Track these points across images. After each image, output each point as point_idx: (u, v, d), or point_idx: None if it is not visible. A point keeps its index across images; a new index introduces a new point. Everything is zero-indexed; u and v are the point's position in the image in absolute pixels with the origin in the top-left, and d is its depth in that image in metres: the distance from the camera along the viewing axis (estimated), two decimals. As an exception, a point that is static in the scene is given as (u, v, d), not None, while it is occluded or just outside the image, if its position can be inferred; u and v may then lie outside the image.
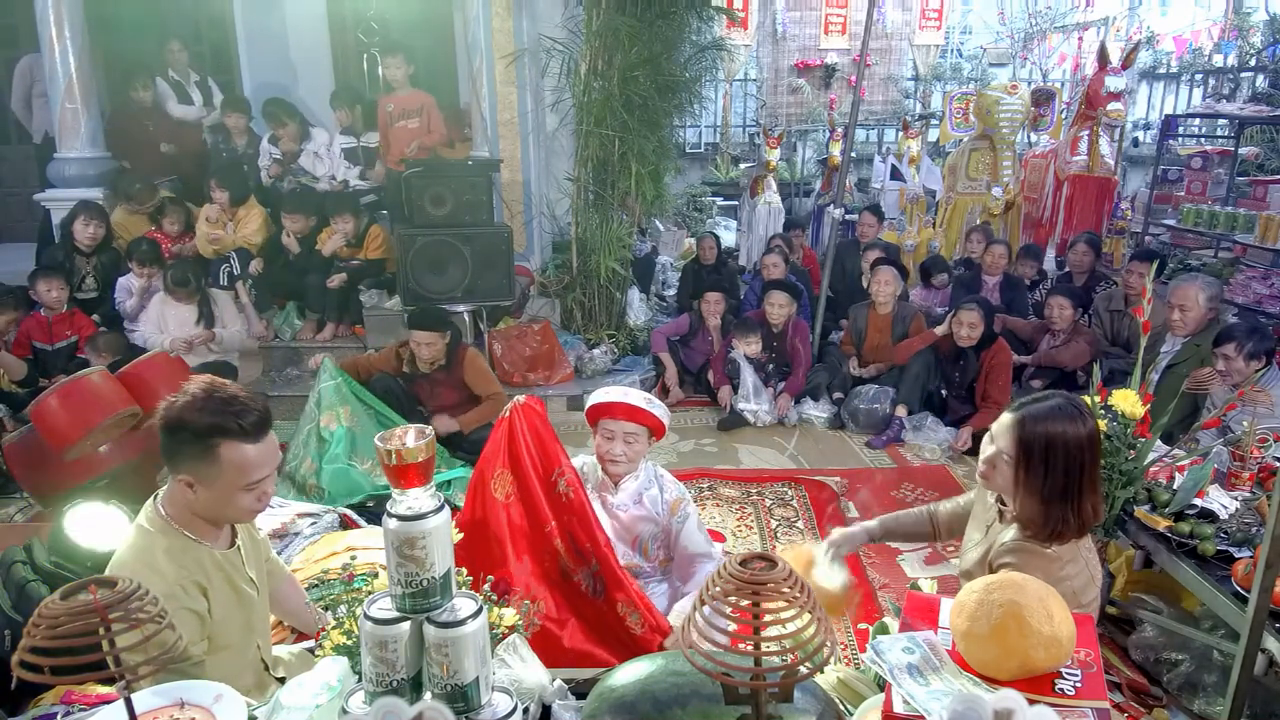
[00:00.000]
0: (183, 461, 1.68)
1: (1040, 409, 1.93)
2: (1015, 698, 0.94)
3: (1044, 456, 1.88)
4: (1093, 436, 1.90)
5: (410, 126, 5.78)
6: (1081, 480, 1.87)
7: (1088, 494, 1.88)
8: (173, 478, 1.72)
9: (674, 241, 8.47)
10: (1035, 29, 11.35)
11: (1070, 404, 1.92)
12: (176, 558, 1.71)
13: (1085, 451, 1.88)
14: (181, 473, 1.68)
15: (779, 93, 10.93)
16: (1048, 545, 1.88)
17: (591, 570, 2.32)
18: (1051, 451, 1.87)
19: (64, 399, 3.50)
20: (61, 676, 1.07)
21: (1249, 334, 3.56)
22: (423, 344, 4.22)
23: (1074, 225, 6.98)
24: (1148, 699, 2.54)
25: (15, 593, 2.29)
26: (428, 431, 1.26)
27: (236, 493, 1.70)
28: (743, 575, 1.12)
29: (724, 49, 6.42)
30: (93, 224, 5.22)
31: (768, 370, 5.28)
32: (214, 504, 1.72)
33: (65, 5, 5.40)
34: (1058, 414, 1.90)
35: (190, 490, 1.69)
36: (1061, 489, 1.87)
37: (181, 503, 1.73)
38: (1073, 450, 1.87)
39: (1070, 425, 1.88)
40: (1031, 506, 1.91)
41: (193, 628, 1.68)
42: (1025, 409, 1.94)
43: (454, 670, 1.22)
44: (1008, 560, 1.91)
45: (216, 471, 1.67)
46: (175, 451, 1.68)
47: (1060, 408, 1.91)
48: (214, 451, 1.65)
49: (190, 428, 1.65)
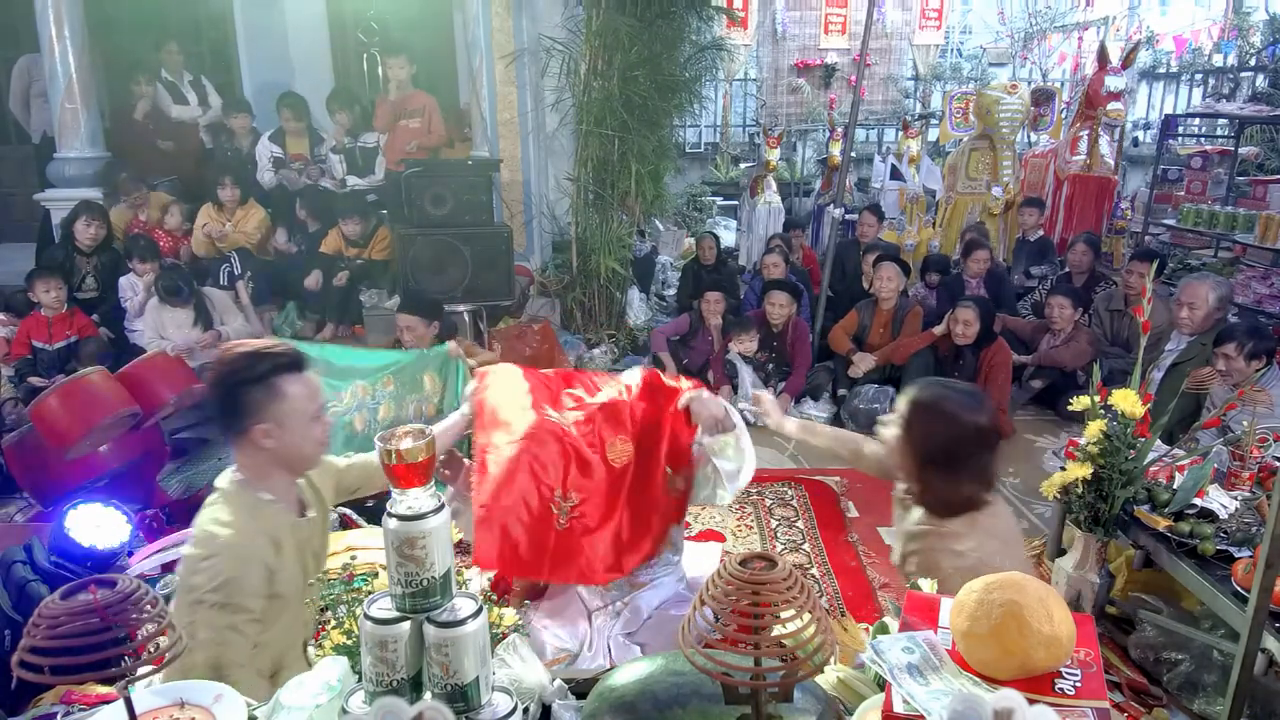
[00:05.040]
0: (254, 411, 1.77)
1: (942, 387, 2.06)
2: (1015, 697, 0.94)
3: (927, 425, 2.00)
4: (982, 430, 1.98)
5: (411, 126, 5.79)
6: (960, 461, 1.97)
7: (966, 478, 1.98)
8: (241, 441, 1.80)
9: (674, 241, 8.47)
10: (1035, 29, 11.33)
11: (974, 396, 2.03)
12: (252, 512, 1.79)
13: (971, 440, 1.97)
14: (258, 421, 1.77)
15: (779, 92, 10.92)
16: (944, 522, 1.99)
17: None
18: (934, 422, 1.99)
19: (64, 399, 3.50)
20: (61, 676, 1.07)
21: (1249, 334, 3.55)
22: (404, 328, 4.07)
23: (1074, 225, 6.98)
24: (1148, 699, 2.54)
25: (15, 593, 2.30)
26: (427, 432, 1.26)
27: (308, 423, 1.83)
28: (743, 575, 1.12)
29: (724, 49, 6.42)
30: (94, 224, 5.23)
31: (768, 370, 5.28)
32: (292, 443, 1.81)
33: (65, 5, 5.40)
34: (956, 395, 2.02)
35: (268, 438, 1.78)
36: (939, 460, 1.98)
37: (257, 459, 1.82)
38: (956, 431, 1.96)
39: (963, 409, 1.98)
40: (909, 471, 2.05)
41: (259, 580, 1.73)
42: (931, 384, 2.09)
43: (454, 670, 1.22)
44: (914, 547, 2.05)
45: (288, 406, 1.79)
46: (244, 405, 1.77)
47: (961, 392, 2.04)
48: (278, 388, 1.78)
49: (252, 377, 1.77)
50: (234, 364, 1.80)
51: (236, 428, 1.79)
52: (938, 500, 2.01)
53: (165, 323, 4.91)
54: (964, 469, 1.98)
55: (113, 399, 3.61)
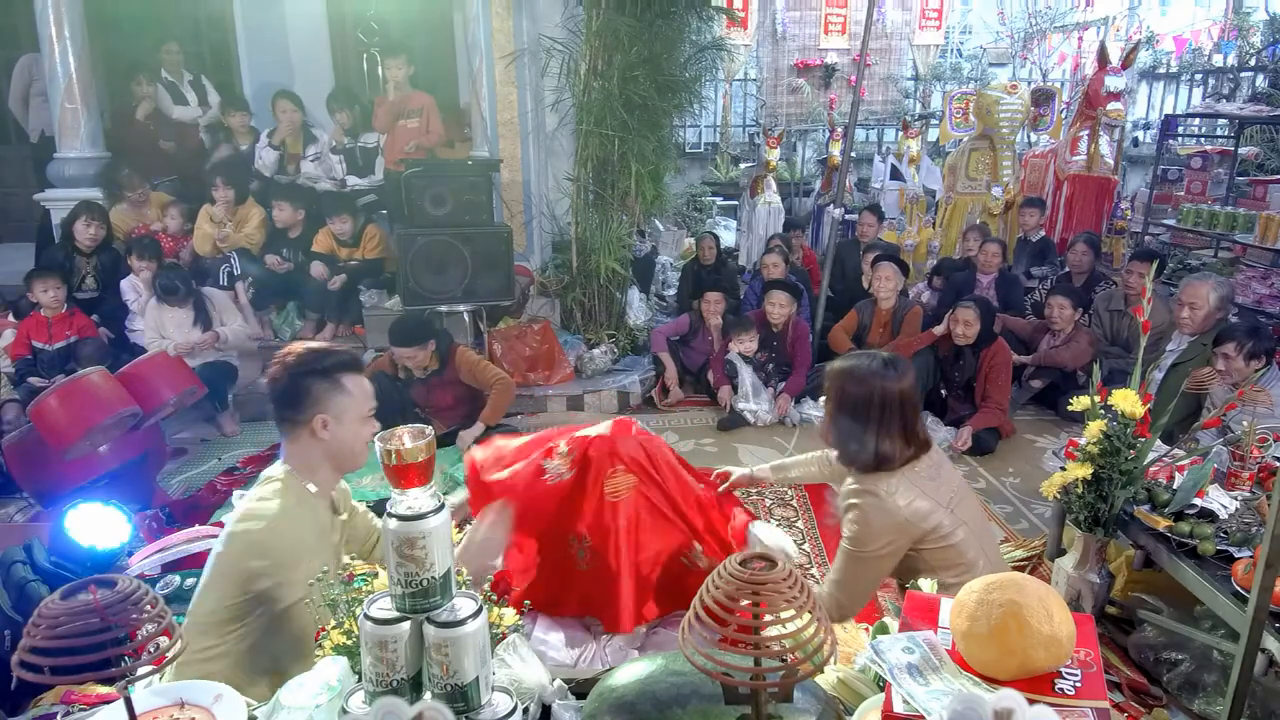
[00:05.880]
0: (314, 402, 1.88)
1: (855, 355, 2.29)
2: (1015, 698, 0.94)
3: (838, 390, 2.23)
4: (890, 392, 2.17)
5: (410, 126, 5.79)
6: (868, 419, 2.16)
7: (876, 432, 2.16)
8: (298, 431, 1.89)
9: (674, 241, 8.47)
10: (1035, 29, 11.34)
11: (886, 360, 2.22)
12: (300, 499, 1.88)
13: (876, 397, 2.16)
14: (319, 412, 1.87)
15: (779, 93, 10.92)
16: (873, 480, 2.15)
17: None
18: (847, 386, 2.20)
19: (64, 399, 3.50)
20: (61, 676, 1.07)
21: (1249, 334, 3.55)
22: (406, 358, 4.21)
23: (1074, 225, 6.98)
24: (1148, 699, 2.54)
25: (15, 593, 2.30)
26: (427, 432, 1.26)
27: (360, 422, 1.93)
28: (743, 575, 1.12)
29: (724, 49, 6.41)
30: (94, 224, 5.22)
31: (768, 370, 5.28)
32: (345, 438, 1.91)
33: (65, 5, 5.40)
34: (868, 362, 2.22)
35: (325, 429, 1.88)
36: (847, 419, 2.18)
37: (310, 451, 1.91)
38: (862, 390, 2.18)
39: (869, 373, 2.19)
40: (830, 436, 2.26)
41: (306, 568, 1.76)
42: (849, 354, 2.31)
43: (454, 670, 1.22)
44: (850, 502, 2.19)
45: (347, 400, 1.90)
46: (307, 395, 1.87)
47: (874, 358, 2.23)
48: (340, 383, 1.90)
49: (318, 369, 1.89)
50: (302, 356, 1.91)
51: (297, 417, 1.88)
52: (851, 456, 2.20)
53: (165, 322, 4.90)
54: (872, 426, 2.15)
55: (113, 399, 3.61)
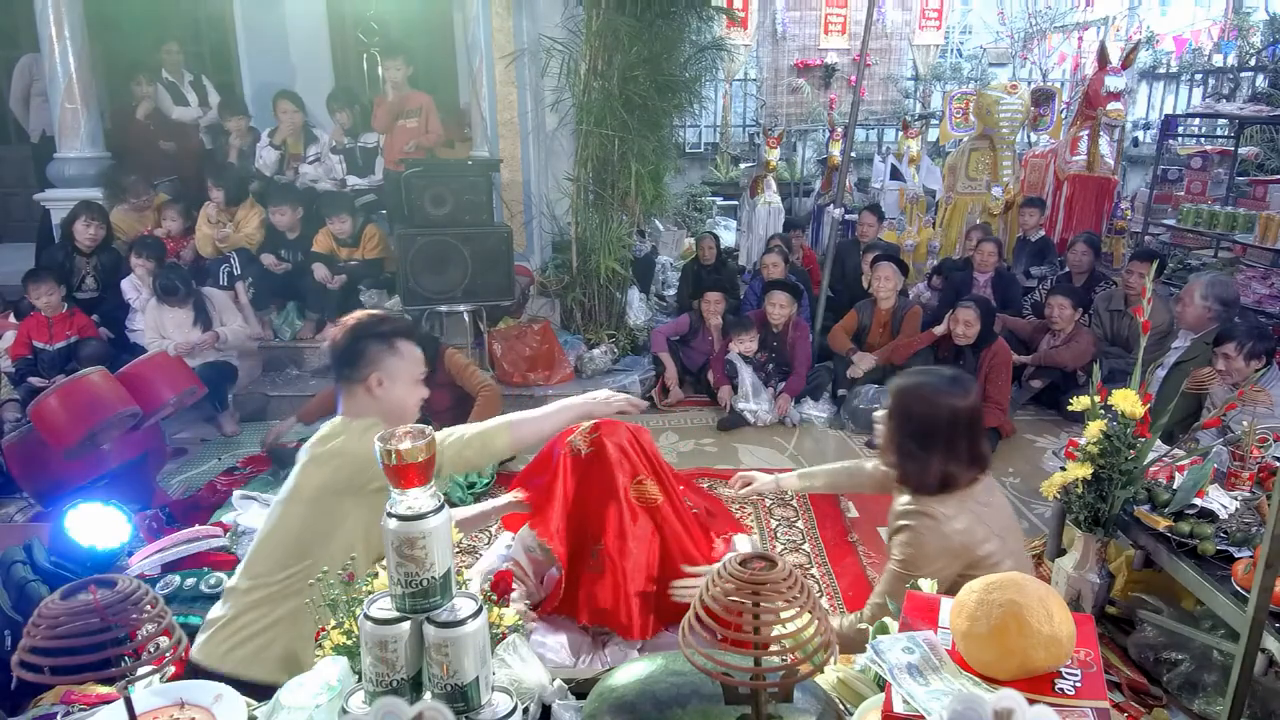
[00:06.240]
0: (370, 362, 2.05)
1: (922, 371, 2.17)
2: (1015, 698, 0.94)
3: (904, 408, 2.12)
4: (958, 410, 2.08)
5: (409, 126, 5.79)
6: (935, 441, 2.07)
7: (943, 456, 2.06)
8: (355, 389, 2.05)
9: (674, 241, 8.47)
10: (1035, 29, 11.34)
11: (953, 378, 2.14)
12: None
13: (945, 418, 2.07)
14: (373, 370, 2.04)
15: (779, 93, 10.92)
16: (931, 501, 2.06)
17: None
18: (913, 405, 2.11)
19: (64, 399, 3.50)
20: (61, 676, 1.07)
21: (1249, 334, 3.55)
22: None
23: (1074, 225, 6.98)
24: (1148, 699, 2.54)
25: (15, 593, 2.30)
26: (426, 432, 1.26)
27: (411, 384, 2.10)
28: (743, 575, 1.12)
29: (724, 49, 6.41)
30: (94, 224, 5.22)
31: (768, 370, 5.28)
32: (396, 397, 2.07)
33: (65, 5, 5.40)
34: (932, 379, 2.13)
35: (379, 386, 2.05)
36: (913, 441, 2.08)
37: (362, 406, 2.06)
38: (930, 411, 2.08)
39: (938, 392, 2.10)
40: (891, 456, 2.15)
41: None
42: (913, 370, 2.20)
43: (454, 670, 1.22)
44: (902, 523, 2.10)
45: (401, 363, 2.08)
46: (365, 355, 2.04)
47: (939, 375, 2.15)
48: (396, 347, 2.08)
49: (377, 333, 2.07)
50: (362, 320, 2.10)
51: (355, 375, 2.05)
52: (913, 477, 2.10)
53: (165, 322, 4.90)
54: (938, 447, 2.06)
55: (113, 399, 3.61)
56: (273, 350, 5.57)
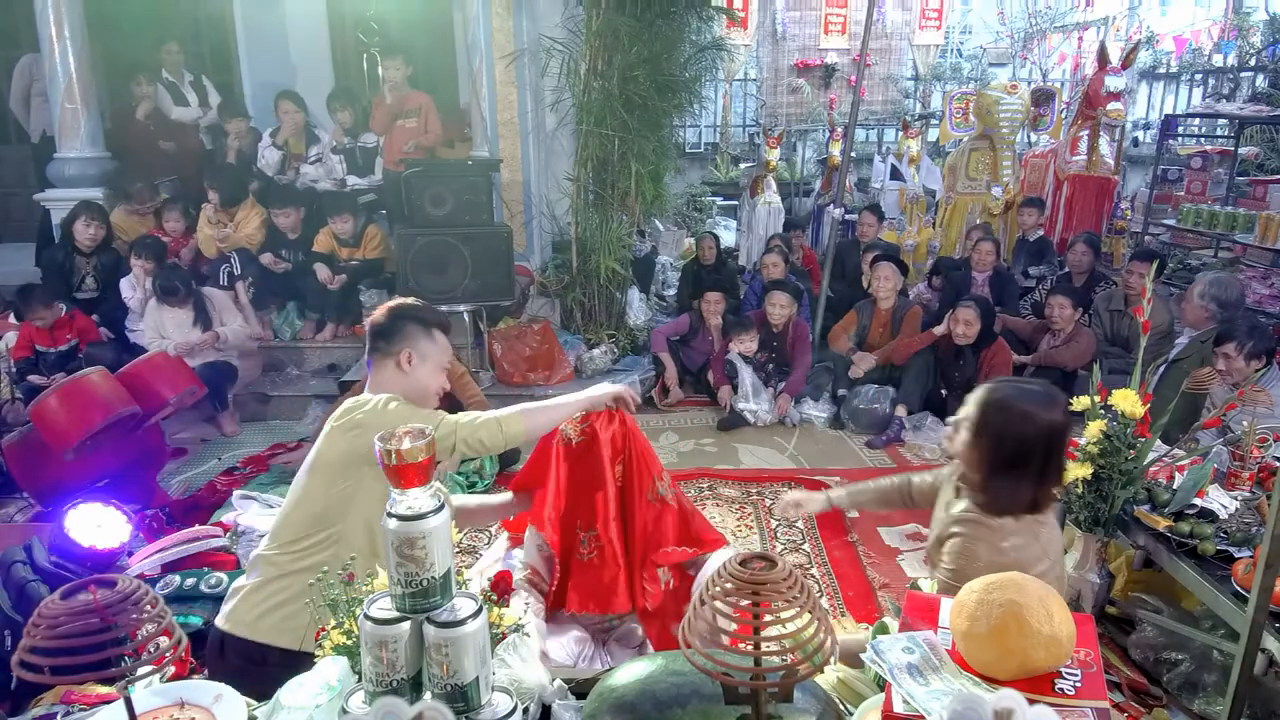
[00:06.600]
0: (406, 338, 2.20)
1: (1014, 385, 1.99)
2: (1015, 698, 0.94)
3: (999, 427, 1.92)
4: (1056, 427, 1.92)
5: (408, 126, 5.80)
6: (1031, 463, 1.90)
7: (1036, 478, 1.91)
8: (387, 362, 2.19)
9: (674, 241, 8.47)
10: (1035, 29, 11.34)
11: (1047, 393, 1.96)
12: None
13: (1043, 438, 1.90)
14: (407, 346, 2.19)
15: (779, 93, 10.92)
16: (995, 518, 1.92)
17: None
18: (1008, 424, 1.91)
19: (64, 399, 3.50)
20: (61, 676, 1.08)
21: (1249, 334, 3.55)
22: None
23: (1074, 225, 6.98)
24: (1148, 699, 2.54)
25: (15, 593, 2.30)
26: (426, 433, 1.26)
27: (437, 369, 2.25)
28: (743, 575, 1.12)
29: (724, 49, 6.41)
30: (94, 225, 5.22)
31: (768, 370, 5.28)
32: (421, 377, 2.22)
33: (65, 5, 5.40)
34: (1029, 394, 1.94)
35: (409, 363, 2.19)
36: (1008, 463, 1.91)
37: (389, 380, 2.19)
38: (1030, 431, 1.89)
39: (1037, 408, 1.91)
40: (976, 474, 1.97)
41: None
42: (1002, 382, 2.03)
43: (454, 670, 1.22)
44: (955, 530, 1.97)
45: (432, 346, 2.24)
46: (399, 332, 2.20)
47: (1034, 390, 1.96)
48: (431, 332, 2.25)
49: (421, 317, 2.25)
50: (406, 303, 2.29)
51: (389, 349, 2.19)
52: (1002, 500, 1.94)
53: (165, 323, 4.90)
54: (1033, 468, 1.91)
55: (113, 399, 3.61)
56: (273, 350, 5.58)
